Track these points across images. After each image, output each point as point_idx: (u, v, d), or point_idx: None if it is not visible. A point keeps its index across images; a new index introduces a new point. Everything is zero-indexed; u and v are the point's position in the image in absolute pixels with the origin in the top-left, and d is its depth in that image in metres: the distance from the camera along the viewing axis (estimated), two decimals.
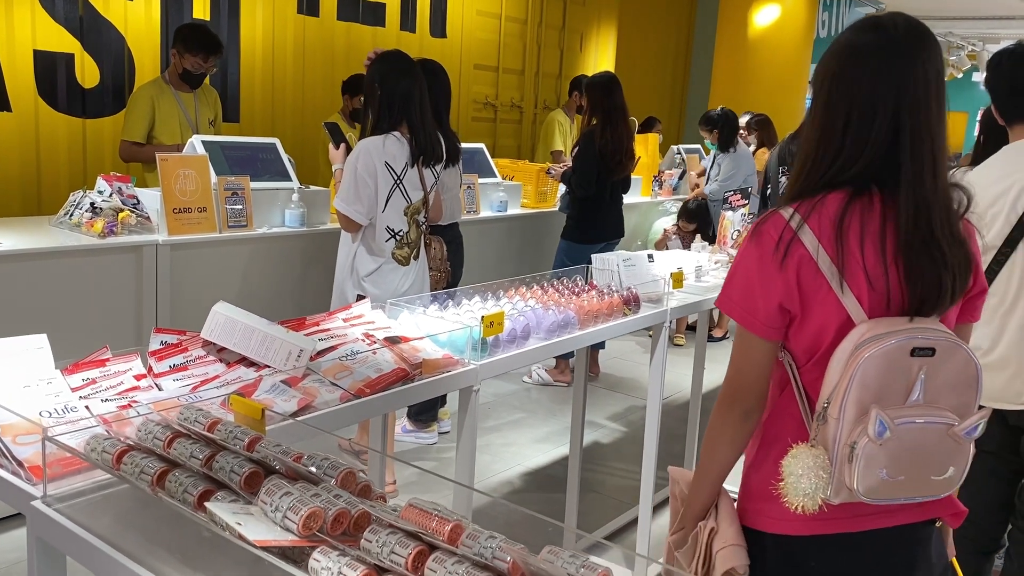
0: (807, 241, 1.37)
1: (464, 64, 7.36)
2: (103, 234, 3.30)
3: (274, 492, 1.10)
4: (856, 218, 1.36)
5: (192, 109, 4.36)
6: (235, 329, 1.89)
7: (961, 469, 1.37)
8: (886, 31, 1.37)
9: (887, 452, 1.32)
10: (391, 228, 3.29)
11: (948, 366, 1.34)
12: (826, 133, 1.41)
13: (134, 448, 1.33)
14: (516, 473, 3.91)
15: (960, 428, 1.34)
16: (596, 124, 4.79)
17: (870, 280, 1.35)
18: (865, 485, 1.34)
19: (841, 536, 1.44)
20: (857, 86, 1.37)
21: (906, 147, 1.36)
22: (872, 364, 1.32)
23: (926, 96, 1.36)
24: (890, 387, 1.33)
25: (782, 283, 1.38)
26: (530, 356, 2.44)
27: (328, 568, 1.03)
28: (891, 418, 1.31)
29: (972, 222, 1.44)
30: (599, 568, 1.00)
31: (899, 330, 1.33)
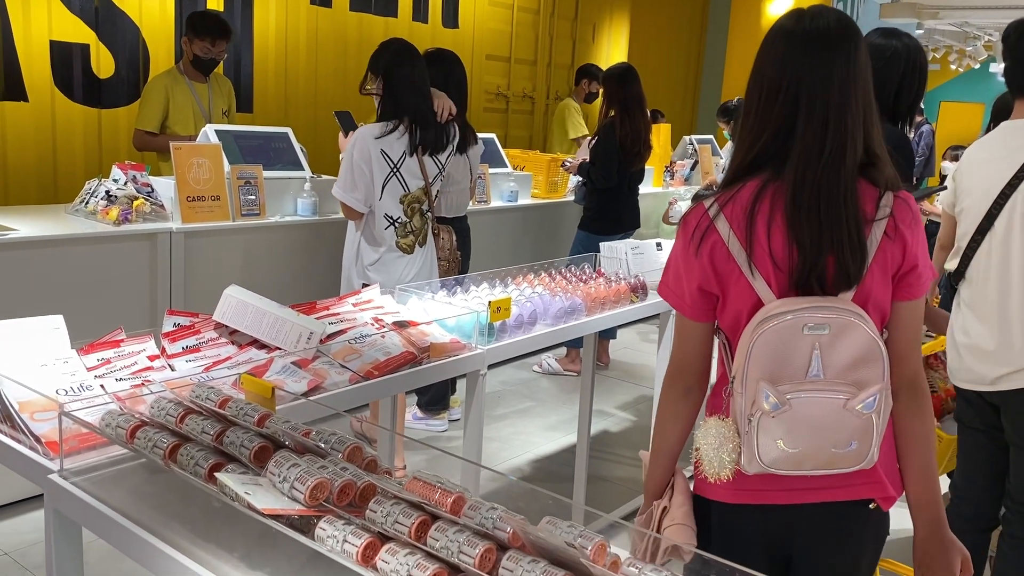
0: (721, 228, 1.44)
1: (476, 54, 7.38)
2: (118, 222, 3.35)
3: (282, 463, 1.14)
4: (767, 203, 1.43)
5: (206, 99, 4.40)
6: (247, 312, 1.93)
7: (867, 443, 1.40)
8: (801, 23, 1.45)
9: (781, 424, 1.38)
10: (389, 216, 3.31)
11: (844, 343, 1.38)
12: (745, 115, 1.49)
13: (148, 423, 1.37)
14: (524, 460, 3.94)
15: (855, 402, 1.38)
16: (615, 115, 4.81)
17: (776, 262, 1.42)
18: (766, 456, 1.41)
19: (771, 507, 1.51)
20: (766, 71, 1.46)
21: (800, 129, 1.42)
22: (766, 341, 1.39)
23: (828, 84, 1.41)
24: (787, 362, 1.39)
25: (699, 268, 1.47)
26: (537, 341, 2.47)
27: (334, 536, 1.06)
28: (784, 392, 1.38)
29: (911, 203, 1.46)
30: (596, 538, 1.03)
31: (794, 309, 1.39)
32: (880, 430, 1.41)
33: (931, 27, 12.46)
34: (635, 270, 3.01)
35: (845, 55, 1.42)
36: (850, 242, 1.40)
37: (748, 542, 1.56)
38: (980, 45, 12.86)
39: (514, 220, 5.26)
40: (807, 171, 1.41)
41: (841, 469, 1.43)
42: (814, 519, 1.53)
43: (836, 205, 1.40)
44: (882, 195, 1.44)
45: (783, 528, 1.55)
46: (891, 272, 1.45)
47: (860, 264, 1.41)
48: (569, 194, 5.61)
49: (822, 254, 1.40)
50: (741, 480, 1.47)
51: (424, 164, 3.33)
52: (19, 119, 4.53)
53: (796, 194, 1.41)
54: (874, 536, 1.58)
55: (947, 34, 13.37)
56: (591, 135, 5.11)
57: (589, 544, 1.02)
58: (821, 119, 1.41)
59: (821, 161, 1.41)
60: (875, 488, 1.51)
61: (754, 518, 1.54)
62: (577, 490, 3.25)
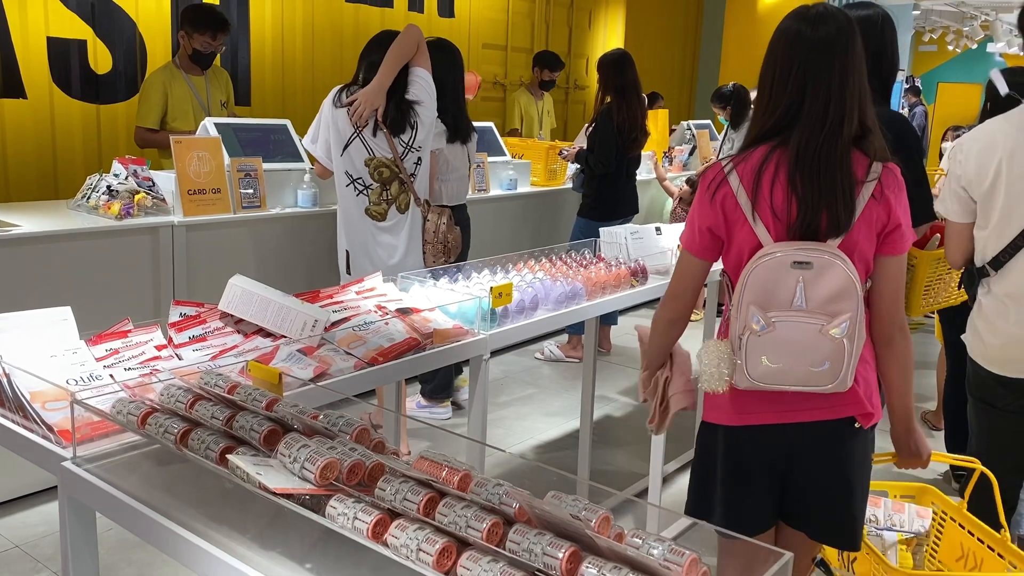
0: (732, 182, 1.74)
1: (472, 44, 7.38)
2: (120, 216, 3.37)
3: (292, 444, 1.16)
4: (773, 164, 1.71)
5: (204, 92, 4.41)
6: (252, 301, 1.95)
7: (838, 364, 1.66)
8: (804, 20, 1.73)
9: (766, 343, 1.67)
10: (349, 173, 3.39)
11: (825, 278, 1.64)
12: (760, 96, 1.78)
13: (158, 410, 1.39)
14: (528, 447, 3.97)
15: (829, 327, 1.64)
16: (611, 102, 4.82)
17: (775, 213, 1.70)
18: (753, 371, 1.69)
19: (767, 427, 1.80)
20: (777, 61, 1.75)
21: (806, 107, 1.70)
22: (758, 273, 1.67)
23: (830, 72, 1.69)
24: (775, 292, 1.66)
25: (711, 213, 1.76)
26: (539, 326, 2.50)
27: (344, 514, 1.09)
28: (771, 317, 1.66)
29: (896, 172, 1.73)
30: (600, 510, 1.06)
31: (785, 249, 1.66)
32: (851, 356, 1.66)
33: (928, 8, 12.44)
34: (635, 255, 3.03)
35: (844, 49, 1.70)
36: (843, 198, 1.67)
37: (749, 462, 1.82)
38: (977, 25, 12.84)
39: (514, 208, 5.27)
40: (810, 140, 1.68)
41: (816, 387, 1.69)
42: (805, 437, 1.79)
43: (833, 168, 1.67)
44: (872, 163, 1.71)
45: (779, 448, 1.81)
46: (876, 230, 1.71)
47: (849, 216, 1.67)
48: (568, 181, 5.63)
49: (818, 207, 1.67)
50: (740, 403, 1.78)
51: (392, 141, 3.37)
52: (18, 116, 4.54)
53: (800, 158, 1.68)
54: (862, 454, 1.83)
55: (944, 15, 13.35)
56: (588, 126, 5.10)
57: (593, 516, 1.05)
58: (824, 100, 1.69)
59: (823, 132, 1.68)
60: (855, 406, 1.76)
61: (753, 438, 1.81)
62: (581, 474, 3.28)
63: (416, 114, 3.41)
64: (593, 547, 1.00)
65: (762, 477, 1.83)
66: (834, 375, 1.67)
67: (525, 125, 6.89)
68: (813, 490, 1.83)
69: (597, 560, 0.97)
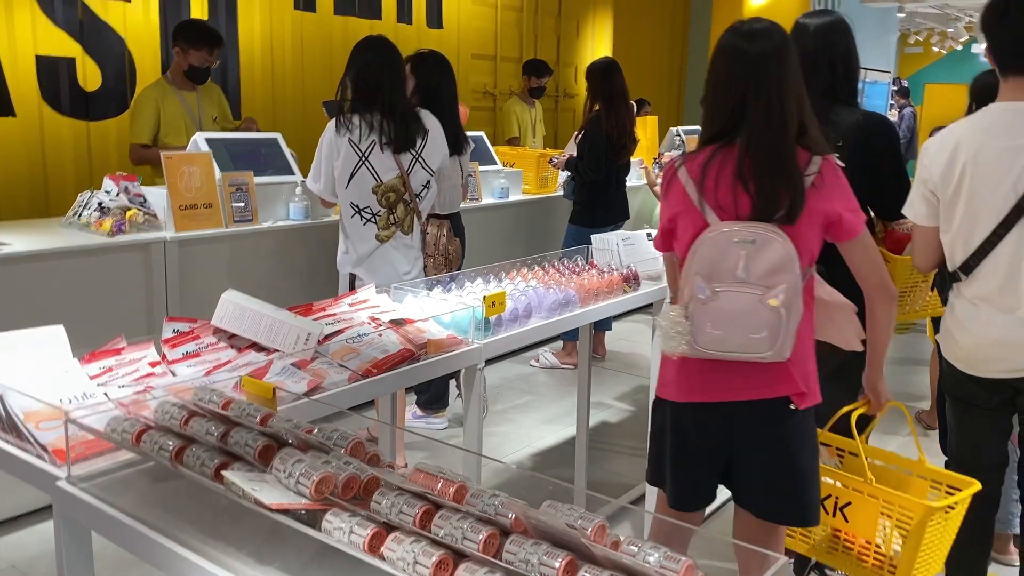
0: (682, 176, 1.96)
1: (462, 54, 7.39)
2: (112, 232, 3.37)
3: (287, 459, 1.16)
4: (718, 161, 1.91)
5: (196, 107, 4.42)
6: (244, 316, 1.95)
7: (775, 332, 1.81)
8: (741, 35, 1.91)
9: (710, 311, 1.84)
10: (355, 204, 3.30)
11: (765, 253, 1.81)
12: (705, 106, 1.99)
13: (152, 427, 1.39)
14: (525, 454, 3.97)
15: (766, 296, 1.81)
16: (600, 109, 4.84)
17: (720, 206, 1.90)
18: (700, 339, 1.86)
19: (709, 404, 1.96)
20: (719, 72, 1.94)
21: (748, 111, 1.88)
22: (705, 248, 1.86)
23: (765, 78, 1.87)
24: (721, 266, 1.84)
25: (667, 206, 2.00)
26: (533, 334, 2.50)
27: (340, 528, 1.09)
28: (715, 287, 1.84)
29: (835, 165, 1.92)
30: (596, 519, 1.06)
31: (731, 225, 1.85)
32: (787, 324, 1.81)
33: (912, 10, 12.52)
34: (627, 260, 3.04)
35: (778, 60, 1.89)
36: (795, 190, 1.84)
37: (692, 438, 1.99)
38: (961, 26, 12.92)
39: (506, 216, 5.28)
40: (760, 139, 1.87)
41: (757, 353, 1.83)
42: (743, 416, 1.94)
43: (781, 162, 1.86)
44: (811, 157, 1.89)
45: (719, 426, 1.96)
46: (819, 219, 1.88)
47: (800, 205, 1.84)
48: (559, 189, 5.64)
49: (774, 199, 1.84)
50: (684, 381, 1.98)
51: (398, 159, 3.30)
52: (7, 134, 4.53)
53: (746, 154, 1.87)
54: (800, 434, 1.96)
55: (928, 16, 13.44)
56: (578, 133, 5.11)
57: (589, 525, 1.05)
58: (765, 105, 1.87)
59: (769, 133, 1.87)
60: (790, 386, 1.92)
61: (695, 415, 1.98)
62: (578, 481, 3.28)
63: (422, 127, 3.36)
64: (589, 556, 1.00)
65: (704, 453, 2.00)
66: (772, 342, 1.81)
67: (520, 134, 6.91)
68: (753, 469, 1.98)
69: (593, 569, 0.97)
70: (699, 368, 1.93)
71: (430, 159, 3.40)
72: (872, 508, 2.23)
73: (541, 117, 7.23)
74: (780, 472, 1.96)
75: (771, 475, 1.97)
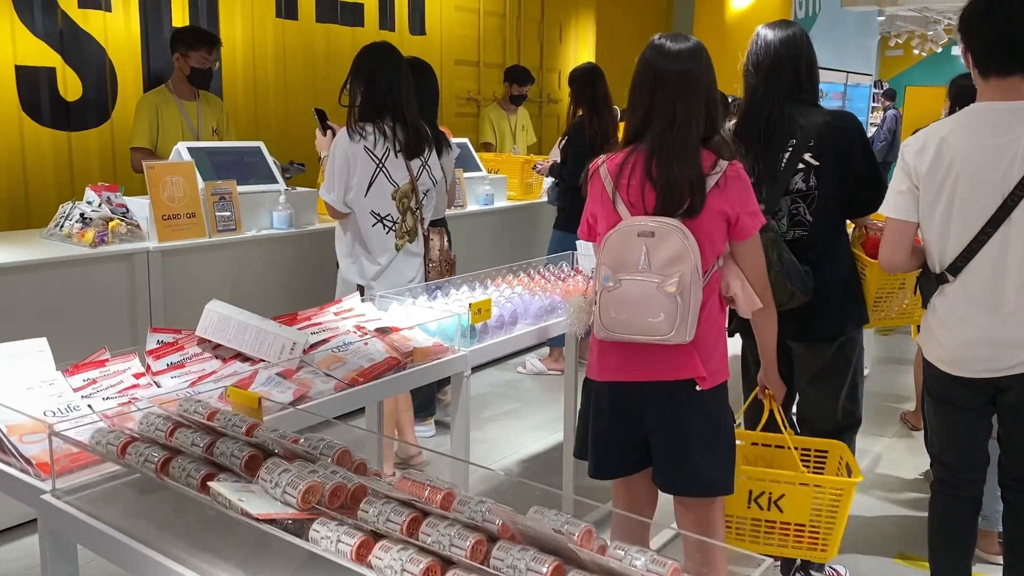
0: (602, 173, 2.13)
1: (445, 60, 7.40)
2: (94, 243, 3.35)
3: (273, 469, 1.16)
4: (632, 160, 2.08)
5: (195, 117, 4.40)
6: (229, 326, 1.95)
7: (672, 316, 1.97)
8: (657, 46, 2.10)
9: (614, 297, 2.02)
10: (376, 212, 3.28)
11: (664, 244, 1.98)
12: (627, 111, 2.16)
13: (137, 439, 1.39)
14: (513, 461, 3.97)
15: (663, 284, 1.97)
16: (583, 115, 4.85)
17: (631, 201, 2.07)
18: (605, 320, 2.04)
19: (623, 384, 2.13)
20: (635, 79, 2.12)
21: (654, 115, 2.06)
22: (612, 241, 2.03)
23: (672, 92, 2.04)
24: (626, 257, 2.01)
25: (589, 201, 2.18)
26: (519, 341, 2.51)
27: (328, 537, 1.09)
28: (620, 276, 2.01)
29: (739, 169, 2.06)
30: (582, 524, 1.06)
31: (635, 219, 2.02)
32: (684, 310, 1.97)
33: (892, 13, 12.63)
34: None
35: (687, 69, 2.06)
36: (693, 184, 2.00)
37: (609, 414, 2.16)
38: (941, 29, 13.05)
39: (491, 223, 5.29)
40: (663, 136, 2.03)
41: (657, 336, 2.00)
42: (652, 395, 2.10)
43: (684, 159, 2.01)
44: (717, 160, 2.04)
45: (631, 404, 2.13)
46: (721, 217, 2.03)
47: (701, 200, 2.00)
48: (544, 195, 5.65)
49: (674, 192, 2.00)
50: (601, 361, 2.15)
51: (409, 164, 3.31)
52: None
53: (653, 151, 2.04)
54: (704, 414, 2.11)
55: (908, 19, 13.55)
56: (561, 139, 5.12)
57: (576, 530, 1.06)
58: (670, 106, 2.04)
59: (673, 130, 2.03)
60: (693, 368, 2.06)
61: (610, 393, 2.16)
62: (566, 486, 3.28)
63: (429, 135, 3.39)
64: (576, 561, 1.01)
65: (619, 428, 2.16)
66: (670, 326, 1.98)
67: (497, 140, 6.92)
68: (661, 447, 2.13)
69: (581, 573, 0.98)
70: (615, 351, 2.11)
71: (435, 167, 3.43)
72: (806, 495, 2.38)
73: (525, 124, 7.23)
74: (683, 449, 2.11)
75: (676, 452, 2.12)
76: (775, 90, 2.53)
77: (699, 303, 1.99)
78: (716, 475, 2.14)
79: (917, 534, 3.23)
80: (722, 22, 9.72)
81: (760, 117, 2.54)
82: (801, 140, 2.49)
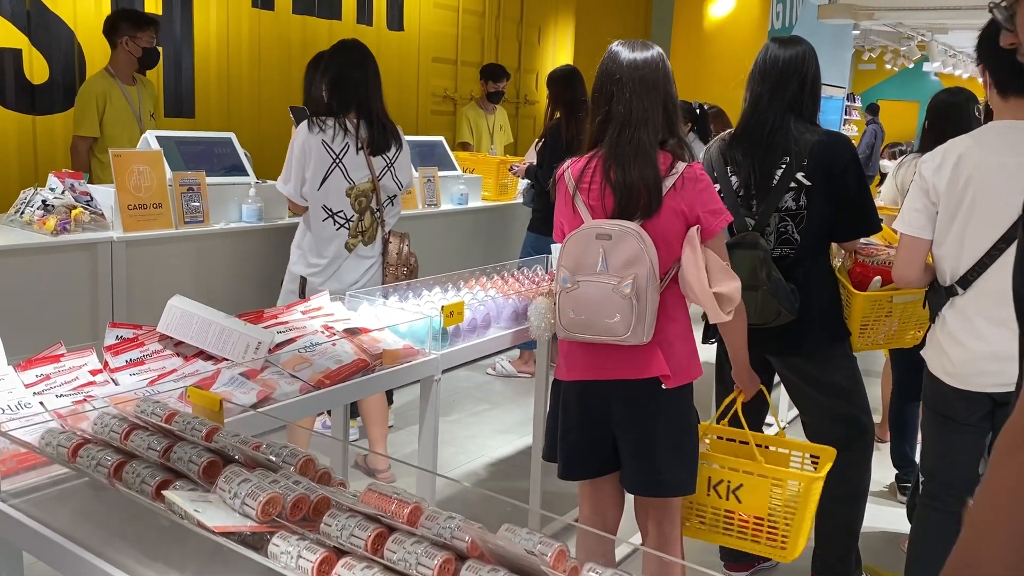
0: (567, 178, 2.20)
1: (422, 57, 7.33)
2: (56, 232, 3.25)
3: (232, 479, 1.11)
4: (593, 163, 2.15)
5: (137, 102, 4.33)
6: (192, 322, 1.88)
7: (627, 317, 2.01)
8: (611, 54, 2.19)
9: (572, 298, 2.07)
10: (328, 207, 3.24)
11: (620, 247, 2.02)
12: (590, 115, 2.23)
13: (90, 441, 1.32)
14: (480, 464, 3.92)
15: (619, 286, 2.01)
16: (560, 117, 4.82)
17: (591, 203, 2.13)
18: (564, 320, 2.10)
19: (589, 382, 2.17)
20: (596, 84, 2.19)
21: (611, 119, 2.13)
22: (571, 244, 2.09)
23: (629, 95, 2.10)
24: (584, 259, 2.06)
25: (557, 206, 2.23)
26: (491, 344, 2.46)
27: (288, 552, 1.04)
28: (577, 278, 2.06)
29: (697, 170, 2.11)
30: (555, 544, 1.02)
31: (593, 225, 2.07)
32: (639, 311, 2.00)
33: (867, 27, 12.78)
34: None
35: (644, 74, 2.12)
36: (649, 185, 2.05)
37: (577, 413, 2.20)
38: (914, 45, 13.22)
39: (464, 223, 5.23)
40: (620, 135, 2.10)
41: (614, 336, 2.04)
42: (618, 393, 2.13)
43: (640, 161, 2.07)
44: (675, 162, 2.09)
45: (599, 402, 2.16)
46: (680, 218, 2.07)
47: (657, 199, 2.05)
48: (519, 196, 5.61)
49: (631, 191, 2.06)
50: (569, 361, 2.19)
51: (371, 162, 3.27)
52: None
53: (610, 154, 2.10)
54: (668, 412, 2.14)
55: (882, 34, 13.73)
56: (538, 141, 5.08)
57: (549, 551, 1.02)
58: (626, 108, 2.10)
59: (628, 133, 2.09)
60: (657, 368, 2.10)
61: (578, 392, 2.20)
62: (533, 492, 3.24)
63: (398, 136, 3.37)
64: None
65: (587, 427, 2.19)
66: (626, 327, 2.02)
67: (475, 139, 6.88)
68: (627, 445, 2.17)
69: None
70: (582, 351, 2.15)
71: (401, 172, 3.39)
72: (763, 487, 2.37)
73: (503, 123, 7.19)
74: (648, 449, 2.14)
75: (640, 451, 2.15)
76: (779, 99, 2.52)
77: (656, 304, 2.03)
78: (679, 475, 2.18)
79: (882, 548, 3.24)
80: (700, 28, 9.75)
81: (763, 123, 2.53)
82: (795, 158, 2.48)
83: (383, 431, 3.59)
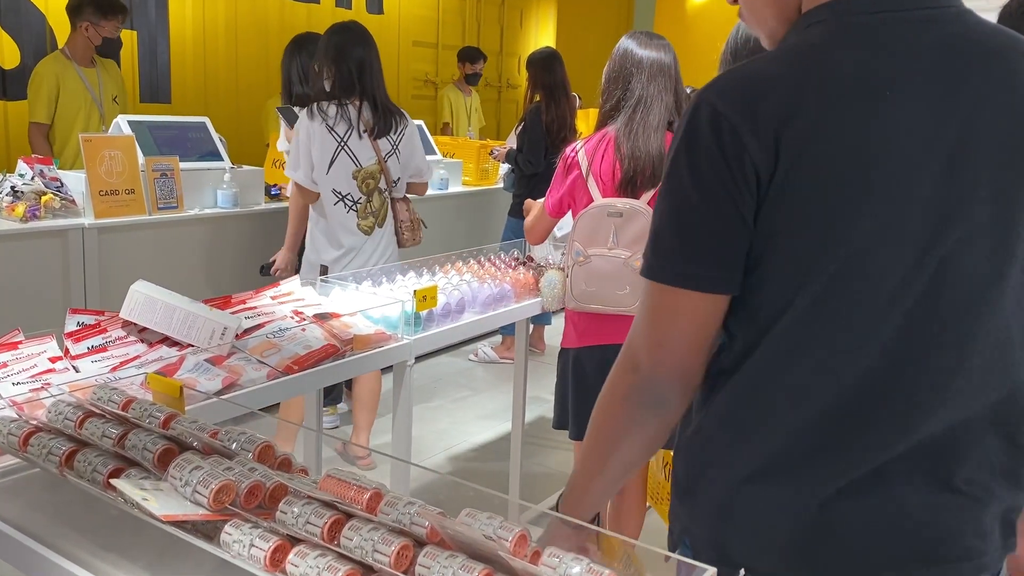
0: (580, 158, 2.35)
1: (403, 41, 7.27)
2: (25, 218, 3.19)
3: (184, 467, 1.07)
4: (604, 142, 2.32)
5: (96, 85, 4.23)
6: (155, 308, 1.84)
7: (636, 289, 2.09)
8: (631, 38, 2.37)
9: (585, 271, 2.25)
10: (337, 191, 3.23)
11: (632, 224, 2.21)
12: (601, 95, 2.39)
13: (43, 429, 1.28)
14: (461, 450, 3.90)
15: (631, 259, 2.19)
16: (540, 101, 4.77)
17: (602, 179, 2.31)
18: (576, 291, 2.28)
19: (601, 347, 2.29)
20: (610, 66, 2.38)
21: (627, 98, 2.31)
22: (582, 220, 2.27)
23: (647, 78, 2.30)
24: (596, 235, 2.25)
25: (569, 183, 2.37)
26: (465, 330, 2.43)
27: (240, 541, 1.00)
28: (590, 252, 2.24)
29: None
30: (516, 528, 1.00)
31: (605, 201, 2.26)
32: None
33: None
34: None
35: (660, 58, 2.33)
36: (655, 159, 2.24)
37: (590, 378, 2.29)
38: None
39: (445, 207, 5.19)
40: (632, 116, 2.29)
41: (624, 308, 2.20)
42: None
43: (649, 136, 2.27)
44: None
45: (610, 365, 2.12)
46: None
47: (651, 178, 2.24)
48: (500, 181, 5.57)
49: (638, 165, 2.25)
50: (580, 329, 2.34)
51: (376, 145, 3.26)
52: None
53: (622, 129, 2.29)
54: None
55: None
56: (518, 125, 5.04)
57: (509, 535, 0.99)
58: (639, 92, 2.30)
59: (641, 111, 2.29)
60: None
61: (591, 356, 2.32)
62: (512, 479, 3.22)
63: (403, 118, 3.36)
64: (508, 569, 0.94)
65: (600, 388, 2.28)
66: (635, 298, 2.12)
67: (453, 121, 6.86)
68: None
69: None
70: (595, 319, 2.29)
71: (406, 155, 3.38)
72: None
73: (478, 106, 7.15)
74: None
75: None
76: None
77: None
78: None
79: None
80: (683, 14, 9.69)
81: None
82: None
83: (370, 418, 3.55)
